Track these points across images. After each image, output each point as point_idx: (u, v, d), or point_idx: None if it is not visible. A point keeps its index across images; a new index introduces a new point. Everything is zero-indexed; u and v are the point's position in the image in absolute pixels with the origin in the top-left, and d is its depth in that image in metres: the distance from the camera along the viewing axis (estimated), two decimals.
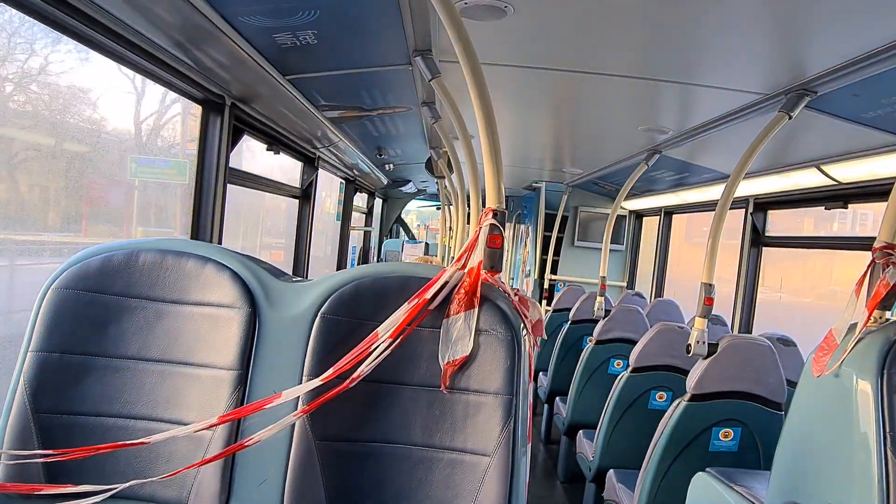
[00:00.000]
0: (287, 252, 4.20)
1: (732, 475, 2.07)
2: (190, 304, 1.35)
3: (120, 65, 1.92)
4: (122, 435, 1.30)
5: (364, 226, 7.53)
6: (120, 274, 1.34)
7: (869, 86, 1.97)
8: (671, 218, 5.65)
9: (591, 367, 3.94)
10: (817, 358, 1.53)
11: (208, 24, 1.78)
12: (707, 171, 4.00)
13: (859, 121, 2.30)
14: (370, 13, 1.92)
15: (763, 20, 1.74)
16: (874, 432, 1.37)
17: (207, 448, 1.29)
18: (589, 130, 3.83)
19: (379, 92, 2.89)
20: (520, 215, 9.04)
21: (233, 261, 1.38)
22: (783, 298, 4.55)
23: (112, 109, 2.61)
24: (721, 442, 2.52)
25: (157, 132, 3.04)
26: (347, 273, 1.38)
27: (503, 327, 1.29)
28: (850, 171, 2.85)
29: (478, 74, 1.41)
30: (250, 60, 2.11)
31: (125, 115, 2.79)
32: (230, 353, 1.32)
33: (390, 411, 1.32)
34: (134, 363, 1.33)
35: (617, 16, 1.87)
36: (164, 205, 3.19)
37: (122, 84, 2.62)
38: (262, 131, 2.98)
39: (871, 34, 1.69)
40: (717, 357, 2.46)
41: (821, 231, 3.94)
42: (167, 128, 3.08)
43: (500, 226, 1.37)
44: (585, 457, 3.50)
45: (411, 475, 1.30)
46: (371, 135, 3.96)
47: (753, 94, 2.35)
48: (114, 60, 1.88)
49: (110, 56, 1.85)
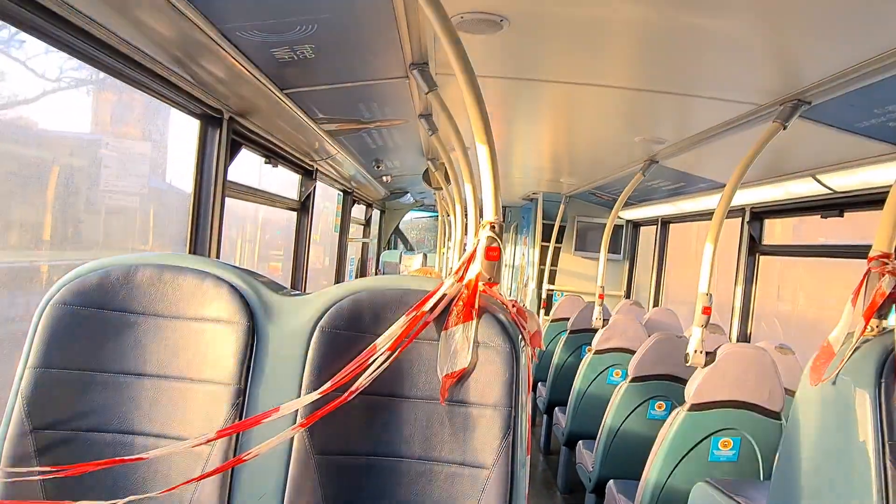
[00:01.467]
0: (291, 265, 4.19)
1: (732, 485, 2.07)
2: (188, 319, 1.35)
3: (117, 79, 1.93)
4: (121, 451, 1.29)
5: (362, 237, 7.54)
6: (118, 289, 1.34)
7: (862, 95, 1.98)
8: (668, 227, 5.67)
9: (590, 376, 3.93)
10: (815, 366, 1.53)
11: (206, 39, 1.79)
12: (703, 181, 4.02)
13: (853, 130, 2.32)
14: (367, 27, 1.94)
15: (757, 31, 1.76)
16: (872, 441, 1.37)
17: (206, 463, 1.28)
18: (585, 141, 3.85)
19: (376, 105, 2.91)
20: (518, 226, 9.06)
21: (231, 275, 1.39)
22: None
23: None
24: (720, 451, 2.51)
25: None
26: (345, 286, 1.38)
27: (501, 339, 1.30)
28: (846, 179, 2.86)
29: (474, 87, 1.42)
30: (248, 75, 2.13)
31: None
32: (229, 368, 1.32)
33: (389, 424, 1.32)
34: (132, 378, 1.33)
35: (612, 28, 1.89)
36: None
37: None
38: (260, 145, 2.99)
39: (864, 45, 1.71)
40: (716, 366, 2.46)
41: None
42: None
43: (498, 238, 1.37)
44: (585, 467, 3.49)
45: (410, 488, 1.29)
46: (369, 147, 3.98)
47: (748, 104, 2.37)
48: (111, 75, 1.89)
49: (107, 71, 1.86)
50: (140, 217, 2.86)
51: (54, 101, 2.28)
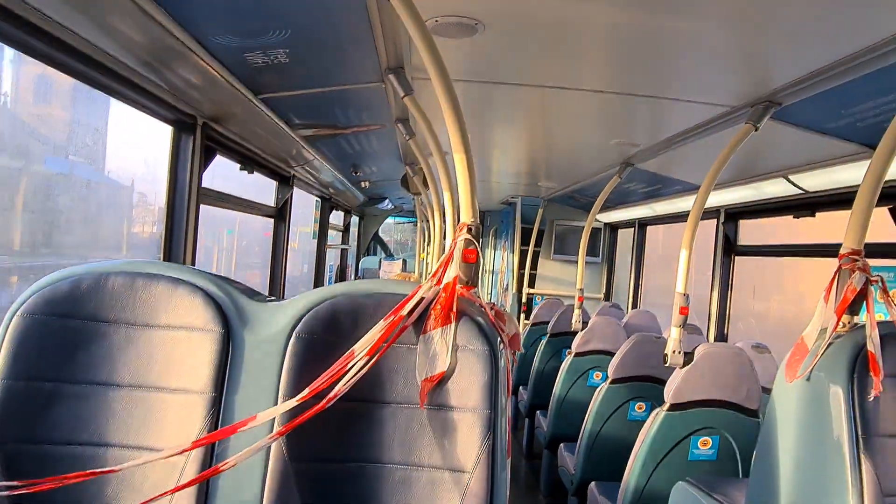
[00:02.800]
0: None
1: (712, 484, 2.08)
2: (162, 328, 1.32)
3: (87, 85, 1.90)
4: (92, 463, 1.26)
5: (341, 244, 7.50)
6: (89, 298, 1.31)
7: (830, 97, 2.03)
8: (645, 230, 5.73)
9: (571, 379, 3.95)
10: (790, 363, 1.55)
11: (178, 44, 1.77)
12: (679, 183, 4.07)
13: (822, 131, 2.37)
14: (342, 32, 1.93)
15: (729, 34, 1.79)
16: (847, 435, 1.39)
17: (181, 474, 1.26)
18: (562, 144, 3.87)
19: (353, 110, 2.89)
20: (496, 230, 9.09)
21: (205, 282, 1.36)
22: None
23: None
24: (700, 450, 2.53)
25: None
26: (323, 291, 1.37)
27: (480, 342, 1.29)
28: (816, 179, 2.92)
29: (450, 91, 1.42)
30: (222, 80, 2.10)
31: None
32: (204, 376, 1.29)
33: (368, 430, 1.30)
34: (104, 389, 1.30)
35: (587, 31, 1.91)
36: None
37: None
38: (235, 151, 2.96)
39: (831, 48, 1.75)
40: (694, 366, 2.48)
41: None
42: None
43: (475, 240, 1.37)
44: (567, 470, 3.50)
45: (391, 494, 1.28)
46: (346, 153, 3.96)
47: (721, 106, 2.41)
48: (81, 80, 1.86)
49: (76, 76, 1.83)
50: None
51: None
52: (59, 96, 2.65)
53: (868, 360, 1.40)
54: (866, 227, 1.53)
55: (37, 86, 2.54)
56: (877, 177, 1.52)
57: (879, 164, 1.52)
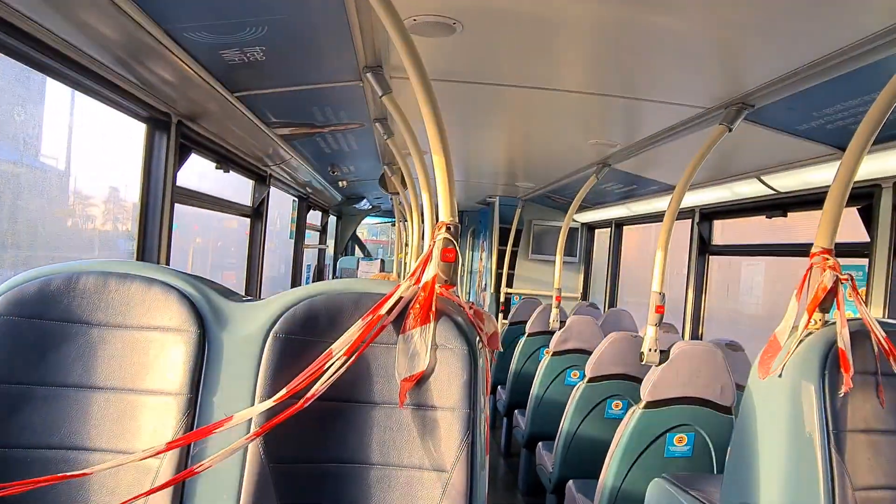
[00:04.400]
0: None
1: (687, 480, 2.11)
2: (135, 328, 1.30)
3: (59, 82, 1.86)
4: (64, 467, 1.23)
5: (318, 244, 7.45)
6: (59, 298, 1.28)
7: (801, 99, 2.07)
8: (622, 229, 5.78)
9: (549, 378, 3.97)
10: (762, 361, 1.58)
11: (152, 40, 1.74)
12: (654, 184, 4.12)
13: (794, 132, 2.42)
14: (319, 29, 1.91)
15: (704, 37, 1.82)
16: (818, 431, 1.42)
17: (156, 477, 1.24)
18: (540, 145, 3.89)
19: (330, 108, 2.88)
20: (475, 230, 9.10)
21: (180, 281, 1.34)
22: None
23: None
24: (675, 447, 2.56)
25: None
26: (300, 291, 1.36)
27: (459, 341, 1.29)
28: (788, 180, 2.98)
29: (428, 90, 1.42)
30: (197, 77, 2.07)
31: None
32: (179, 377, 1.27)
33: (346, 430, 1.30)
34: (76, 391, 1.27)
35: (565, 32, 1.92)
36: None
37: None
38: (210, 149, 2.92)
39: (802, 51, 1.79)
40: (670, 364, 2.51)
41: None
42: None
43: (453, 239, 1.37)
44: (545, 468, 3.52)
45: (369, 494, 1.27)
46: (323, 152, 3.93)
47: (696, 107, 2.44)
48: (51, 77, 1.82)
49: (47, 72, 1.79)
50: None
51: None
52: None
53: (839, 356, 1.42)
54: (836, 226, 1.56)
55: None
56: (846, 178, 1.55)
57: (849, 165, 1.55)
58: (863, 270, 2.57)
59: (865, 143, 1.53)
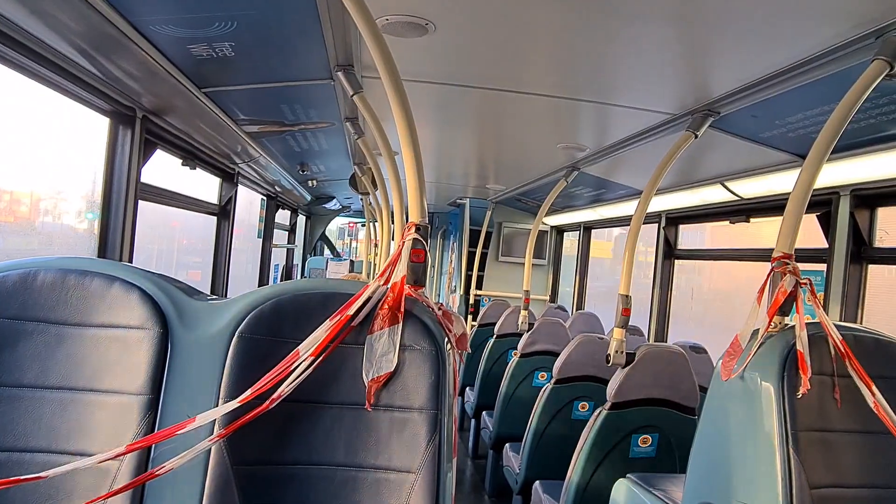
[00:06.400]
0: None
1: (651, 480, 2.14)
2: (95, 327, 1.26)
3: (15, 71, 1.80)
4: (17, 470, 1.19)
5: (287, 243, 7.37)
6: (14, 295, 1.24)
7: (765, 108, 2.12)
8: (590, 233, 5.85)
9: (517, 380, 3.99)
10: (725, 362, 1.61)
11: (116, 32, 1.69)
12: (622, 188, 4.18)
13: (757, 140, 2.48)
14: (290, 26, 1.89)
15: (671, 44, 1.85)
16: (777, 431, 1.46)
17: (114, 480, 1.20)
18: (510, 147, 3.92)
19: (300, 107, 2.84)
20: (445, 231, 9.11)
21: (142, 279, 1.31)
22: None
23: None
24: (640, 448, 2.60)
25: None
26: (267, 290, 1.34)
27: (427, 342, 1.29)
28: (751, 187, 3.05)
29: (399, 91, 1.42)
30: (163, 72, 2.03)
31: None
32: (140, 378, 1.24)
33: (313, 431, 1.28)
34: (31, 391, 1.23)
35: (536, 36, 1.93)
36: None
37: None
38: (176, 145, 2.86)
39: (765, 61, 1.83)
40: (635, 366, 2.54)
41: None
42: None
43: (423, 240, 1.37)
44: (512, 469, 3.53)
45: (336, 496, 1.26)
46: (293, 150, 3.89)
47: (663, 113, 2.49)
48: (10, 68, 1.76)
49: (6, 63, 1.73)
50: None
51: None
52: None
53: (797, 359, 1.46)
54: (796, 232, 1.61)
55: None
56: (806, 185, 1.60)
57: (809, 172, 1.60)
58: (821, 275, 2.64)
59: (825, 151, 1.58)
